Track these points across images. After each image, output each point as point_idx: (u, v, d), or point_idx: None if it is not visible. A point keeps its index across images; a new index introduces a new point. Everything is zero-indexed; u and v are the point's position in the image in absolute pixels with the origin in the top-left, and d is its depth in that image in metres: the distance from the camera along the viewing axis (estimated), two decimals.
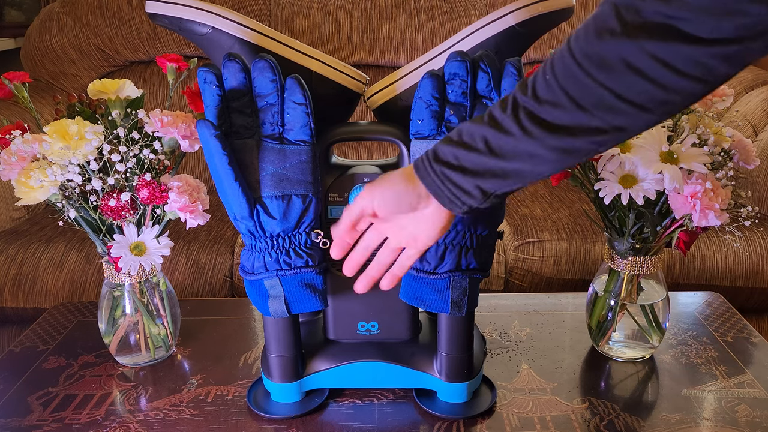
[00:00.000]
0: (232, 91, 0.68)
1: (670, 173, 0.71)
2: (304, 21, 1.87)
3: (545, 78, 0.52)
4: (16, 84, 0.83)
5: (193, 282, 1.41)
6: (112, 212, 0.77)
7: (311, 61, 0.72)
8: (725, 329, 0.97)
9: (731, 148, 0.80)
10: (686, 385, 0.84)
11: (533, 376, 0.86)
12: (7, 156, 0.77)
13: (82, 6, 1.87)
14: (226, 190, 0.69)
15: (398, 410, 0.79)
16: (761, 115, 1.64)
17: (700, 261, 1.42)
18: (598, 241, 1.42)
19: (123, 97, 0.83)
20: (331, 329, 0.80)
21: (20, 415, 0.79)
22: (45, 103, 1.75)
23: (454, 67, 0.66)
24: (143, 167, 0.78)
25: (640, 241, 0.82)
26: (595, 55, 0.49)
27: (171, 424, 0.77)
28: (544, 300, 1.07)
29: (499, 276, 1.43)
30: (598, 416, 0.78)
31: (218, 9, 0.70)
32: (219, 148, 0.66)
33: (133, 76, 1.88)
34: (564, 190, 1.71)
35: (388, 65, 1.89)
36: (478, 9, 1.87)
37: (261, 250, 0.71)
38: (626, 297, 0.86)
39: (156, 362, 0.90)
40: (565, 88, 0.51)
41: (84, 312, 1.04)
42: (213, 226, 1.51)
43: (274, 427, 0.76)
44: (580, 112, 0.51)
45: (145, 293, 0.87)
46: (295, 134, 0.69)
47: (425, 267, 0.71)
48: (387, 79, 0.74)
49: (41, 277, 1.40)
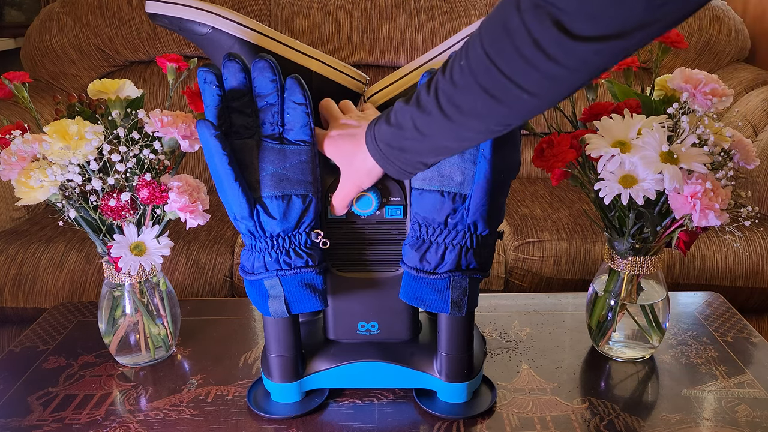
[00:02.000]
0: (232, 91, 0.68)
1: (670, 173, 0.71)
2: (304, 21, 1.87)
3: (460, 63, 0.54)
4: (16, 84, 0.83)
5: (193, 282, 1.41)
6: (112, 212, 0.77)
7: (311, 61, 0.72)
8: (725, 329, 0.97)
9: (731, 148, 0.80)
10: (686, 385, 0.84)
11: (533, 376, 0.86)
12: (7, 156, 0.77)
13: (82, 6, 1.87)
14: (226, 190, 0.69)
15: (398, 410, 0.79)
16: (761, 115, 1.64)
17: (700, 261, 1.42)
18: (598, 241, 1.42)
19: (123, 97, 0.83)
20: (331, 329, 0.80)
21: (20, 415, 0.79)
22: (45, 103, 1.75)
23: None
24: (143, 167, 0.78)
25: (640, 241, 0.82)
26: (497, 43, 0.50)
27: (171, 424, 0.77)
28: (544, 300, 1.07)
29: (499, 276, 1.43)
30: (598, 416, 0.78)
31: (218, 9, 0.70)
32: (219, 148, 0.66)
33: (133, 76, 1.88)
34: (564, 190, 1.71)
35: (388, 65, 1.89)
36: (478, 9, 1.87)
37: (261, 250, 0.71)
38: (626, 297, 0.86)
39: (156, 362, 0.90)
40: (476, 76, 0.52)
41: (84, 312, 1.04)
42: (213, 226, 1.51)
43: (274, 427, 0.76)
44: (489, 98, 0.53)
45: (145, 293, 0.87)
46: (295, 134, 0.69)
47: (425, 267, 0.71)
48: (387, 79, 0.74)
49: (41, 277, 1.40)
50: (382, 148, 0.64)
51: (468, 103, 0.54)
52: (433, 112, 0.57)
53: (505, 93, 0.51)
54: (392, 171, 0.66)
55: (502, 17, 0.49)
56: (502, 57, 0.50)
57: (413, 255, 0.71)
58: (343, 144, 0.69)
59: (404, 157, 0.63)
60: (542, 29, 0.46)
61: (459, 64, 0.54)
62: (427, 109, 0.58)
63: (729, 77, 1.86)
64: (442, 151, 0.62)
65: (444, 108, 0.56)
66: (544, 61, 0.47)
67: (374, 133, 0.65)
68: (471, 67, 0.53)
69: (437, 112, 0.57)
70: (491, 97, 0.52)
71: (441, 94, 0.56)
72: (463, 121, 0.56)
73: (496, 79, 0.51)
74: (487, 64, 0.51)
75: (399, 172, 0.66)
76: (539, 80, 0.49)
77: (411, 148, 0.62)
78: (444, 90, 0.56)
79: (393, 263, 0.76)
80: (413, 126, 0.60)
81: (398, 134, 0.62)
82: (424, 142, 0.61)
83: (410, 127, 0.60)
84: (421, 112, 0.58)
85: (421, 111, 0.58)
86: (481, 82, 0.52)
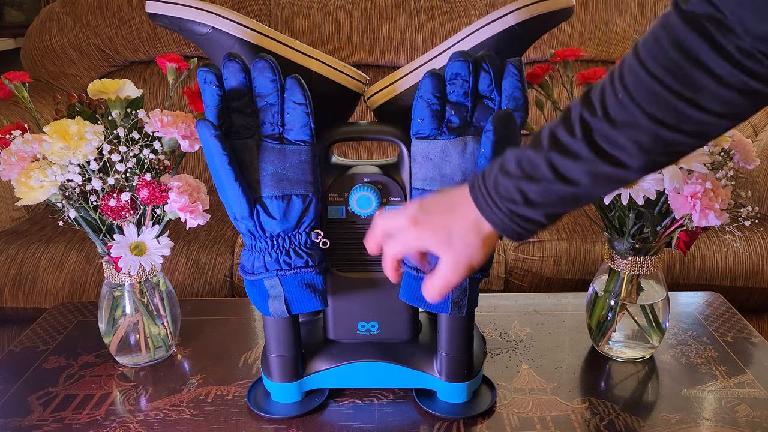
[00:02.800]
0: (232, 91, 0.68)
1: (670, 173, 0.71)
2: (304, 21, 1.87)
3: (617, 97, 0.49)
4: (16, 84, 0.83)
5: (193, 282, 1.41)
6: (112, 212, 0.77)
7: (311, 61, 0.72)
8: (725, 329, 0.97)
9: (731, 148, 0.80)
10: (686, 385, 0.84)
11: (533, 376, 0.86)
12: (7, 156, 0.77)
13: (82, 6, 1.87)
14: (226, 190, 0.69)
15: (398, 410, 0.79)
16: (761, 115, 1.64)
17: (700, 261, 1.42)
18: (598, 241, 1.42)
19: (123, 97, 0.83)
20: (331, 329, 0.80)
21: (20, 415, 0.79)
22: (45, 103, 1.75)
23: (456, 67, 0.66)
24: (143, 167, 0.78)
25: (640, 241, 0.82)
26: (673, 67, 0.47)
27: (171, 424, 0.77)
28: (544, 300, 1.07)
29: (499, 276, 1.43)
30: (598, 416, 0.78)
31: (218, 9, 0.70)
32: (219, 148, 0.66)
33: (133, 76, 1.88)
34: None
35: (388, 65, 1.89)
36: (478, 9, 1.87)
37: (261, 250, 0.71)
38: (626, 297, 0.86)
39: (156, 362, 0.90)
40: (642, 105, 0.48)
41: (84, 312, 1.04)
42: (213, 226, 1.51)
43: (274, 427, 0.76)
44: (661, 128, 0.49)
45: (145, 293, 0.87)
46: (295, 134, 0.69)
47: (425, 267, 0.71)
48: (387, 79, 0.74)
49: (41, 277, 1.40)
50: (502, 206, 0.54)
51: (631, 140, 0.49)
52: (581, 154, 0.51)
53: (685, 120, 0.48)
54: (513, 234, 0.56)
55: (670, 36, 0.46)
56: (682, 80, 0.46)
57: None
58: (439, 220, 0.57)
59: (530, 212, 0.54)
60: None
61: (614, 97, 0.49)
62: (572, 152, 0.51)
63: None
64: (582, 199, 0.54)
65: (600, 148, 0.50)
66: (742, 77, 0.45)
67: (487, 191, 0.55)
68: (635, 99, 0.48)
69: (588, 153, 0.50)
70: (664, 127, 0.48)
71: (594, 133, 0.50)
72: (625, 160, 0.50)
73: (672, 106, 0.47)
74: (660, 90, 0.47)
75: (519, 234, 0.56)
76: (736, 99, 0.46)
77: (542, 200, 0.54)
78: (598, 128, 0.50)
79: None
80: (552, 173, 0.52)
81: (528, 186, 0.53)
82: (563, 191, 0.53)
83: (547, 175, 0.52)
84: (565, 156, 0.51)
85: (565, 155, 0.51)
86: (651, 113, 0.48)
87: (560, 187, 0.52)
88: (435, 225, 0.57)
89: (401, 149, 0.73)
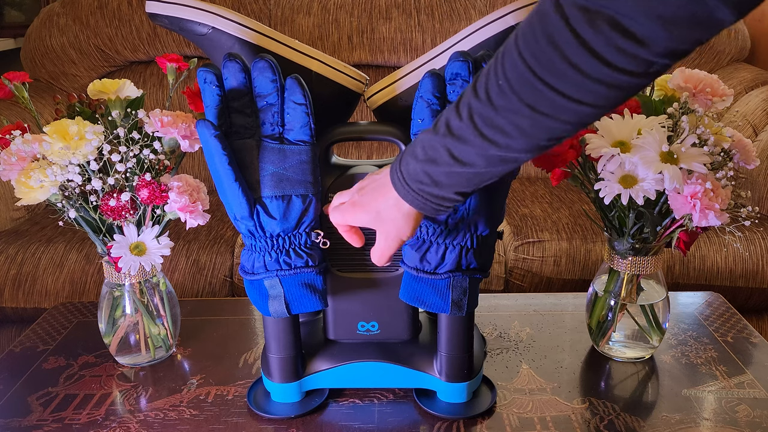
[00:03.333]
0: (232, 91, 0.68)
1: (670, 173, 0.71)
2: (304, 21, 1.87)
3: (498, 83, 0.50)
4: (16, 84, 0.83)
5: (193, 282, 1.41)
6: (112, 212, 0.77)
7: (311, 61, 0.72)
8: (725, 329, 0.97)
9: (731, 148, 0.80)
10: (686, 385, 0.84)
11: (533, 376, 0.86)
12: (7, 156, 0.77)
13: (82, 6, 1.87)
14: (226, 190, 0.69)
15: (398, 410, 0.79)
16: (761, 115, 1.64)
17: (700, 261, 1.42)
18: (598, 241, 1.42)
19: (123, 97, 0.83)
20: (331, 329, 0.80)
21: (20, 415, 0.79)
22: (45, 103, 1.75)
23: (456, 67, 0.66)
24: (143, 167, 0.78)
25: (640, 241, 0.82)
26: (544, 58, 0.47)
27: (171, 424, 0.77)
28: (544, 300, 1.07)
29: (499, 276, 1.43)
30: (598, 416, 0.78)
31: (218, 9, 0.70)
32: (219, 148, 0.66)
33: (133, 76, 1.88)
34: (564, 190, 1.71)
35: (388, 65, 1.89)
36: (478, 9, 1.87)
37: (261, 250, 0.71)
38: (626, 297, 0.86)
39: (156, 362, 0.90)
40: (518, 93, 0.49)
41: (84, 312, 1.04)
42: (213, 226, 1.51)
43: (274, 427, 0.76)
44: (538, 115, 0.50)
45: (145, 293, 0.87)
46: (295, 134, 0.69)
47: (425, 267, 0.71)
48: (387, 79, 0.74)
49: (41, 277, 1.40)
50: (414, 187, 0.59)
51: (512, 124, 0.51)
52: (470, 138, 0.53)
53: (559, 109, 0.48)
54: (429, 210, 0.61)
55: (543, 27, 0.46)
56: (553, 72, 0.47)
57: (413, 255, 0.71)
58: (369, 200, 0.64)
59: (439, 191, 0.58)
60: (605, 37, 0.43)
61: (496, 83, 0.50)
62: (463, 137, 0.54)
63: (729, 77, 1.86)
64: (484, 177, 0.57)
65: (484, 132, 0.52)
66: (610, 72, 0.45)
67: (402, 174, 0.60)
68: (513, 87, 0.49)
69: (476, 137, 0.53)
70: (541, 115, 0.49)
71: (478, 118, 0.52)
72: (509, 143, 0.52)
73: (546, 96, 0.48)
74: (534, 81, 0.48)
75: (434, 209, 0.60)
76: (605, 92, 0.46)
77: (447, 181, 0.57)
78: (481, 113, 0.52)
79: (393, 263, 0.76)
80: (449, 157, 0.55)
81: (431, 169, 0.57)
82: (463, 172, 0.56)
83: (445, 158, 0.56)
84: (457, 141, 0.54)
85: (457, 139, 0.54)
86: (527, 101, 0.49)
87: (460, 169, 0.56)
88: (366, 205, 0.64)
89: (401, 149, 0.73)
